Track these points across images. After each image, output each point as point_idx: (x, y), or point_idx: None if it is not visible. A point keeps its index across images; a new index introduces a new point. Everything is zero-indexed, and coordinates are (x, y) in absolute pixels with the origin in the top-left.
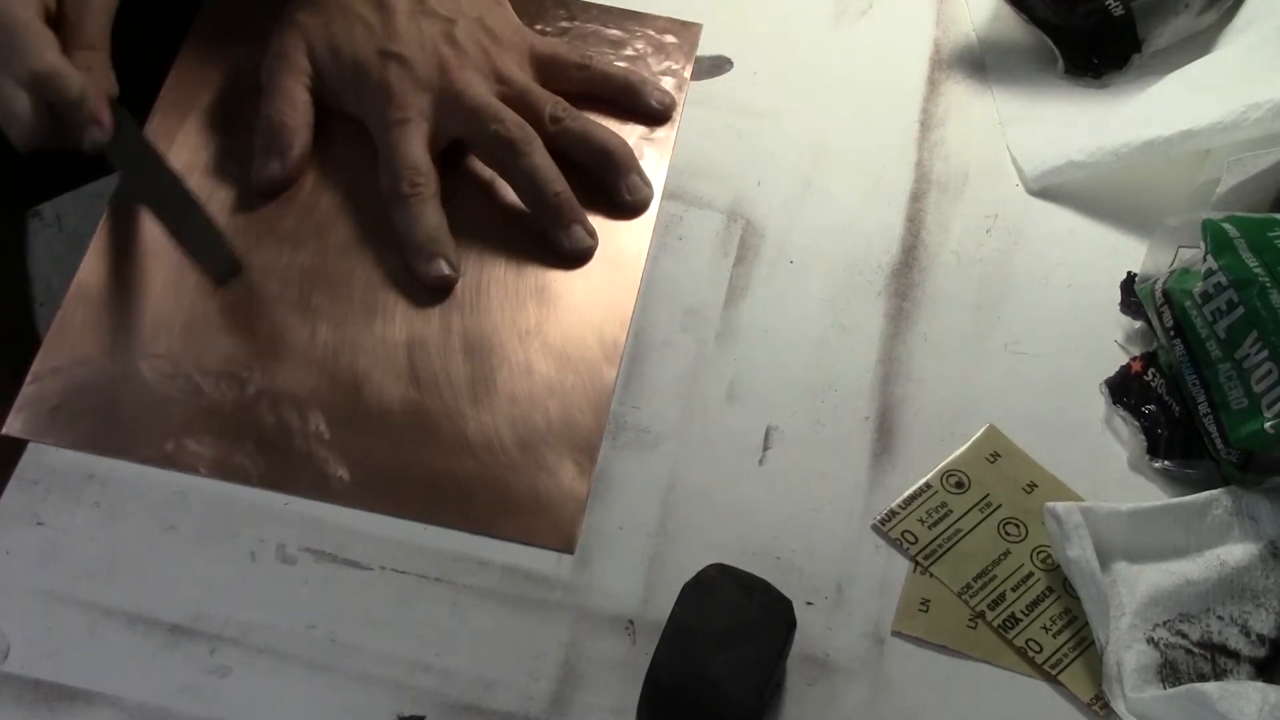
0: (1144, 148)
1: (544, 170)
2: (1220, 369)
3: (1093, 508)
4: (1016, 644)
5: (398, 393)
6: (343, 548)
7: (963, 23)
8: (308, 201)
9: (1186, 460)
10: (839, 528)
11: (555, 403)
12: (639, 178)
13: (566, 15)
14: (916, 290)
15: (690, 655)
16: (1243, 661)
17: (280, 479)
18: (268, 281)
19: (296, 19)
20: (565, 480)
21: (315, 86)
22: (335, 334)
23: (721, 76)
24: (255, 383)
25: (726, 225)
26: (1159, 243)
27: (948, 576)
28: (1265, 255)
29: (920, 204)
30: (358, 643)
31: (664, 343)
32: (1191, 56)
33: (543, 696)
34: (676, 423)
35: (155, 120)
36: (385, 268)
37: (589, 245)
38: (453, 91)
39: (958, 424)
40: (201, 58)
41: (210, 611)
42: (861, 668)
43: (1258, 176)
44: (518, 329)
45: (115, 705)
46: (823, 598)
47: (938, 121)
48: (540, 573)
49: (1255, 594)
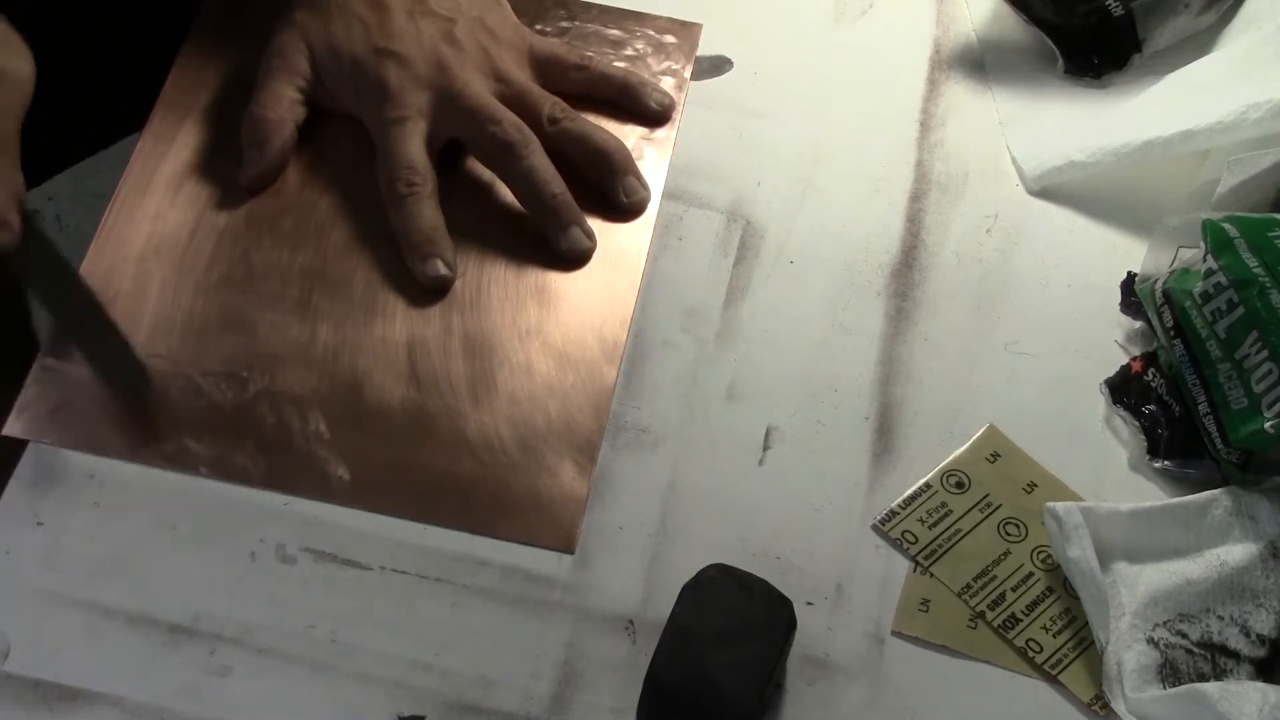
0: (1144, 148)
1: (541, 172)
2: (1220, 369)
3: (1093, 508)
4: (1016, 644)
5: (398, 393)
6: (343, 548)
7: (963, 23)
8: (308, 201)
9: (1186, 460)
10: (839, 528)
11: (555, 403)
12: (636, 180)
13: (566, 15)
14: (916, 290)
15: (690, 655)
16: (1243, 661)
17: (280, 479)
18: (268, 281)
19: (296, 19)
20: (565, 480)
21: (312, 87)
22: (335, 334)
23: (721, 76)
24: (255, 383)
25: (726, 225)
26: (1159, 243)
27: (948, 576)
28: (1265, 255)
29: (920, 204)
30: (358, 643)
31: (664, 343)
32: (1191, 56)
33: (543, 696)
34: (676, 423)
35: (155, 120)
36: (385, 268)
37: (587, 247)
38: (451, 91)
39: (958, 424)
40: (201, 58)
41: (210, 611)
42: (861, 668)
43: (1258, 176)
44: (518, 329)
45: (115, 705)
46: (823, 598)
47: (938, 121)
48: (540, 573)
49: (1255, 594)
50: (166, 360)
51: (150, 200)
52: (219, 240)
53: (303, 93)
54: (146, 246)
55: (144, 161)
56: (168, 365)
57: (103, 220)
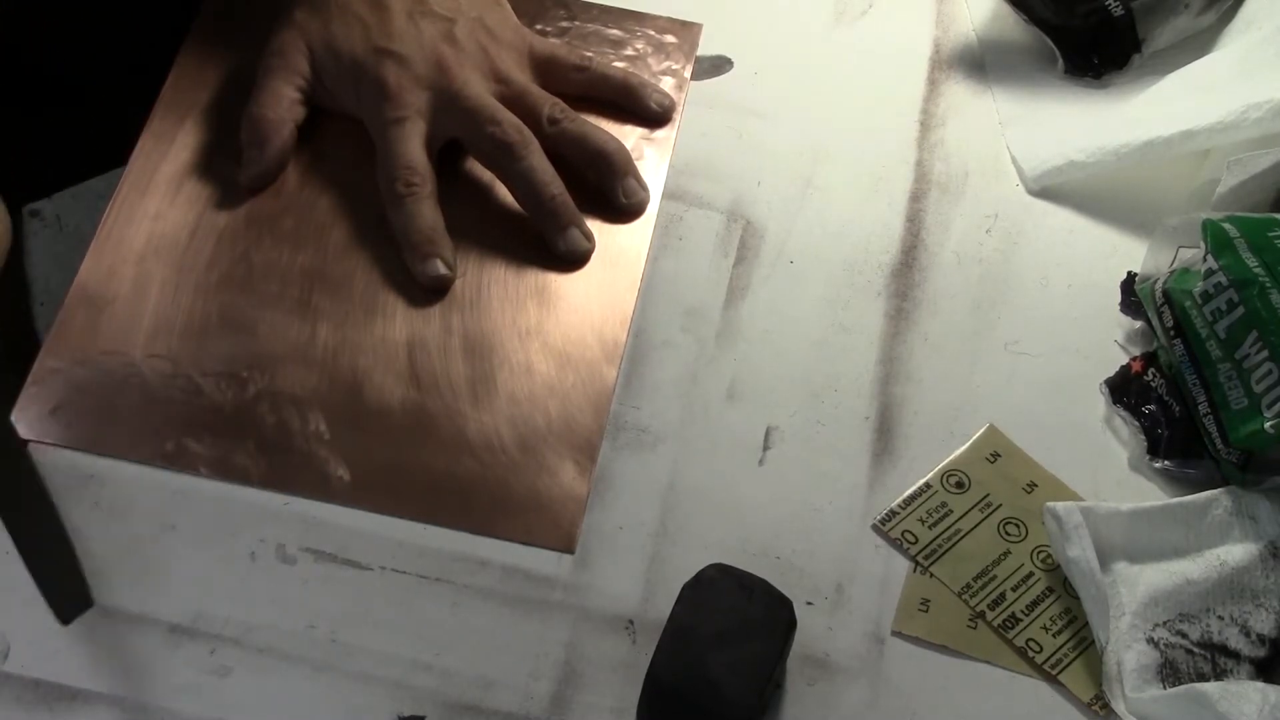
0: (1144, 148)
1: (540, 173)
2: (1220, 369)
3: (1093, 508)
4: (1016, 644)
5: (398, 393)
6: (343, 548)
7: (963, 23)
8: (308, 201)
9: (1186, 460)
10: (839, 528)
11: (555, 403)
12: (635, 181)
13: (567, 15)
14: (916, 290)
15: (690, 655)
16: (1243, 661)
17: (280, 479)
18: (268, 281)
19: (295, 18)
20: (565, 480)
21: (312, 87)
22: (335, 334)
23: (721, 76)
24: (255, 383)
25: (726, 225)
26: (1159, 243)
27: (948, 576)
28: (1265, 255)
29: (920, 204)
30: (358, 643)
31: (664, 343)
32: (1191, 56)
33: (543, 696)
34: (676, 423)
35: (155, 120)
36: (385, 268)
37: (585, 248)
38: (451, 91)
39: (958, 424)
40: (201, 58)
41: (210, 611)
42: (861, 668)
43: (1258, 176)
44: (518, 329)
45: (115, 705)
46: (823, 598)
47: (938, 121)
48: (540, 573)
49: (1255, 594)
50: (166, 360)
51: (150, 200)
52: (219, 240)
53: (302, 92)
54: (146, 246)
55: (144, 161)
56: (168, 365)
57: (103, 220)
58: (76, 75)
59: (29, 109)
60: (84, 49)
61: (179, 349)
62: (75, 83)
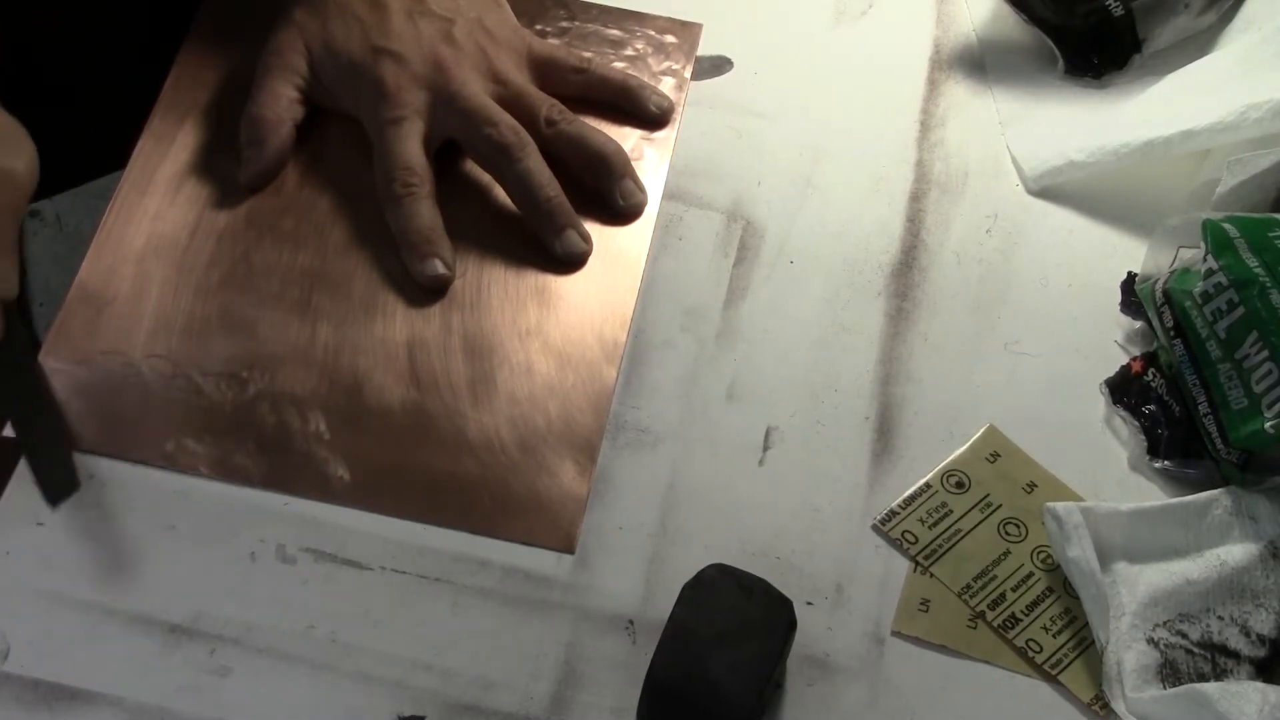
0: (1144, 148)
1: (537, 175)
2: (1220, 369)
3: (1093, 508)
4: (1016, 644)
5: (398, 393)
6: (343, 548)
7: (963, 23)
8: (308, 201)
9: (1186, 460)
10: (839, 528)
11: (555, 403)
12: (633, 183)
13: (566, 15)
14: (916, 290)
15: (690, 655)
16: (1243, 661)
17: (280, 479)
18: (268, 281)
19: (295, 18)
20: (565, 480)
21: (311, 86)
22: (335, 334)
23: (721, 76)
24: (255, 383)
25: (726, 225)
26: (1159, 243)
27: (948, 576)
28: (1265, 255)
29: (920, 204)
30: (358, 643)
31: (664, 343)
32: (1191, 56)
33: (543, 696)
34: (676, 423)
35: (155, 120)
36: (385, 268)
37: (582, 250)
38: (449, 91)
39: (958, 424)
40: (201, 58)
41: (210, 611)
42: (861, 668)
43: (1258, 176)
44: (518, 329)
45: (115, 705)
46: (823, 598)
47: (938, 121)
48: (540, 573)
49: (1255, 594)
50: (166, 360)
51: (150, 200)
52: (219, 240)
53: (301, 92)
54: (146, 246)
55: (144, 161)
56: (168, 365)
57: (103, 220)
58: (77, 76)
59: (29, 109)
60: (84, 49)
61: (179, 349)
62: (75, 84)
